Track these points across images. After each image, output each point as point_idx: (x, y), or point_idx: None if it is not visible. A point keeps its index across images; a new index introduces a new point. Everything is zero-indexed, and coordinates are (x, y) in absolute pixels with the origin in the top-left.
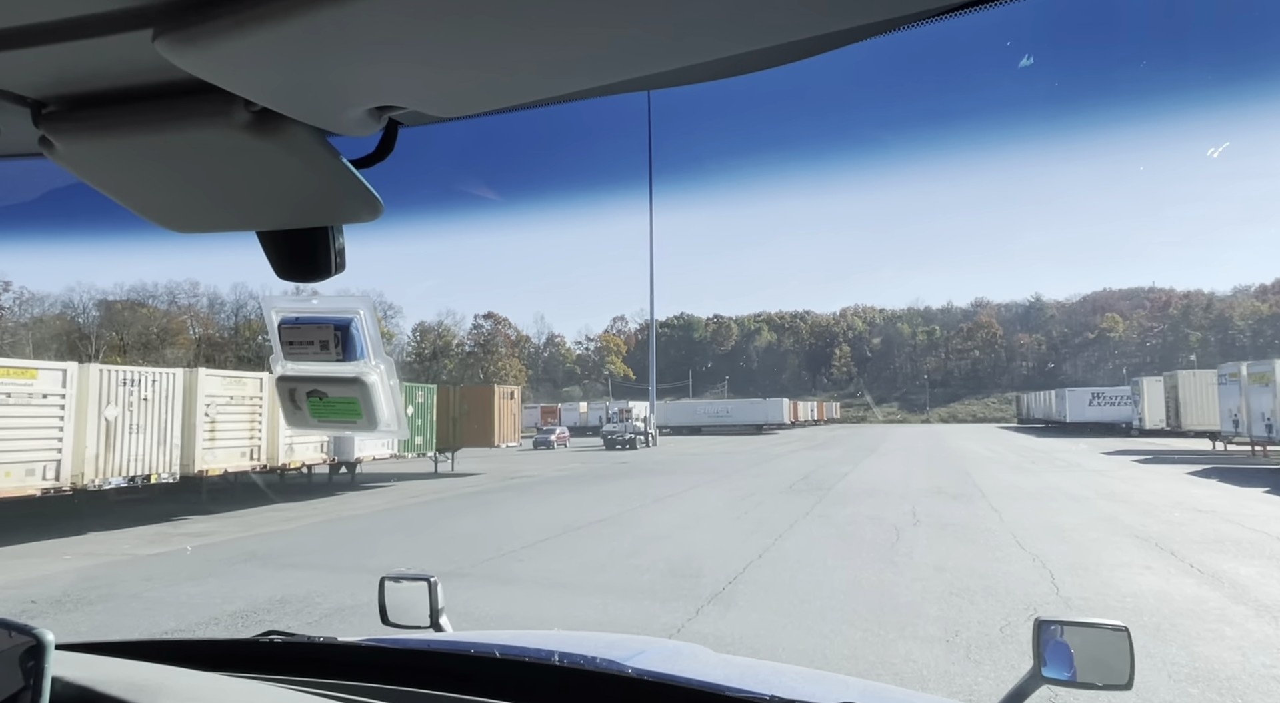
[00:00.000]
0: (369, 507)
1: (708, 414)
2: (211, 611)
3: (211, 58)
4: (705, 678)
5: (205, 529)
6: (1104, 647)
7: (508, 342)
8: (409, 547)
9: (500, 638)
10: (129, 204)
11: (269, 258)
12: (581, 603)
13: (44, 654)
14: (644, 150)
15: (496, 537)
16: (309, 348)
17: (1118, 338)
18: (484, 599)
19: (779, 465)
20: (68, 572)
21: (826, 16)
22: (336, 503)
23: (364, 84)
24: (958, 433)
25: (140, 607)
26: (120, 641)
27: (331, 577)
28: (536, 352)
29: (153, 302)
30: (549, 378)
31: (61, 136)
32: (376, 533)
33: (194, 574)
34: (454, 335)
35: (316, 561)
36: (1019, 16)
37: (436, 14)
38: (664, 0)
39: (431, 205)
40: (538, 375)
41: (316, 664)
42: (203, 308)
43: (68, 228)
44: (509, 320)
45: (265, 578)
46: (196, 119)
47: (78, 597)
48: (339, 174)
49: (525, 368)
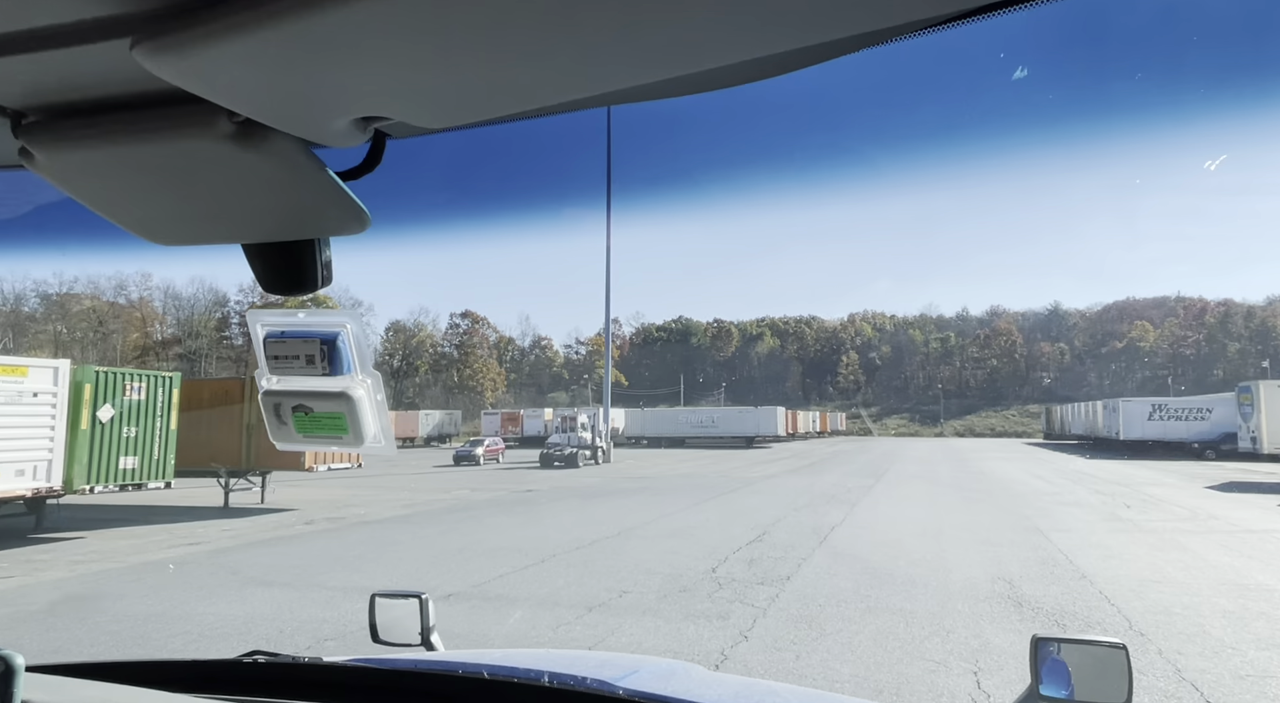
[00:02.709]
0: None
1: (691, 424)
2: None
3: (192, 67)
4: (698, 699)
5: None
6: (1102, 665)
7: (486, 342)
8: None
9: (490, 658)
10: (111, 216)
11: (254, 271)
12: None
13: (13, 678)
14: (635, 158)
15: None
16: (295, 362)
17: (1147, 347)
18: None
19: (737, 504)
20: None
21: (828, 25)
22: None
23: (349, 94)
24: (981, 450)
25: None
26: (95, 662)
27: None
28: (522, 355)
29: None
30: (533, 383)
31: (41, 147)
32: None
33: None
34: (429, 335)
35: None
36: (1029, 27)
37: (424, 23)
38: (655, 11)
39: (419, 213)
40: (521, 380)
41: (301, 686)
42: (156, 301)
43: (49, 239)
44: (488, 319)
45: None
46: (179, 130)
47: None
48: (325, 186)
49: (505, 371)
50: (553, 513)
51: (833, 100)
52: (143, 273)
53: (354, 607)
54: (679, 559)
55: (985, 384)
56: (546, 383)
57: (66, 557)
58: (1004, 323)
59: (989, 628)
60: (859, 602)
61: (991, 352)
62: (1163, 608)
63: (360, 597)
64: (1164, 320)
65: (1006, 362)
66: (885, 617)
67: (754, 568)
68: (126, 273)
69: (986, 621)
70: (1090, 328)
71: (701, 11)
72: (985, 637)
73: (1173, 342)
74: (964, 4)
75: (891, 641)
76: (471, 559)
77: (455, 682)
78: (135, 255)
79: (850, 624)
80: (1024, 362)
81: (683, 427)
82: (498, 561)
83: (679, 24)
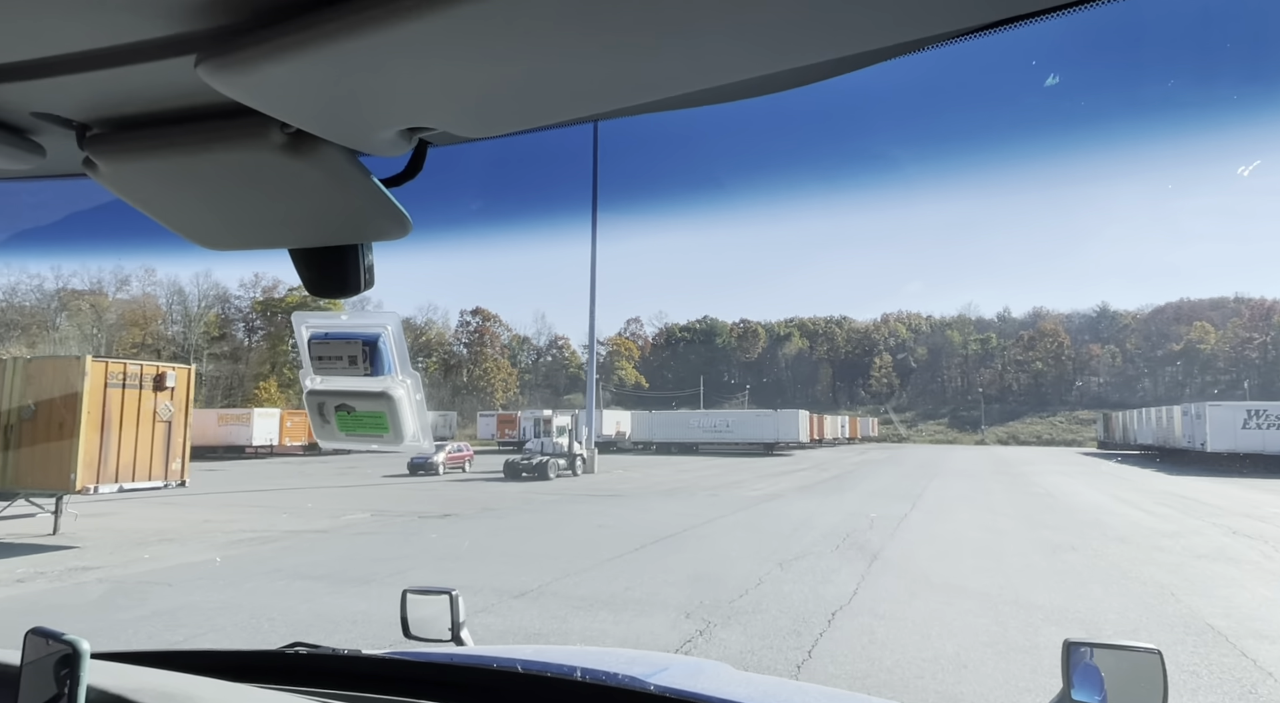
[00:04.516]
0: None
1: (703, 429)
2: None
3: (251, 82)
4: (729, 697)
5: None
6: (1136, 671)
7: (496, 341)
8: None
9: (523, 653)
10: (166, 222)
11: (300, 274)
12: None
13: (80, 663)
14: (663, 164)
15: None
16: (338, 363)
17: (1208, 350)
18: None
19: (698, 551)
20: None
21: (864, 37)
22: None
23: (397, 106)
24: (1033, 461)
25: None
26: (150, 651)
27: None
28: (538, 355)
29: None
30: (549, 384)
31: (104, 157)
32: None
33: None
34: (439, 332)
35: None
36: (1064, 34)
37: (468, 38)
38: (694, 23)
39: (452, 217)
40: (537, 381)
41: (340, 677)
42: (161, 297)
43: (104, 244)
44: (499, 317)
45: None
46: (233, 141)
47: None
48: (370, 193)
49: (517, 371)
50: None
51: (864, 106)
52: (146, 268)
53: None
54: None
55: (1029, 388)
56: (563, 384)
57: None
58: (1049, 324)
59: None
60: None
61: (1036, 354)
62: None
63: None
64: (1226, 321)
65: (1053, 365)
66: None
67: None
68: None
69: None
70: (1143, 329)
71: (740, 25)
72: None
73: (1236, 344)
74: (992, 14)
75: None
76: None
77: (490, 675)
78: (180, 258)
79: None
80: (1072, 365)
81: (694, 431)
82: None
83: (718, 36)
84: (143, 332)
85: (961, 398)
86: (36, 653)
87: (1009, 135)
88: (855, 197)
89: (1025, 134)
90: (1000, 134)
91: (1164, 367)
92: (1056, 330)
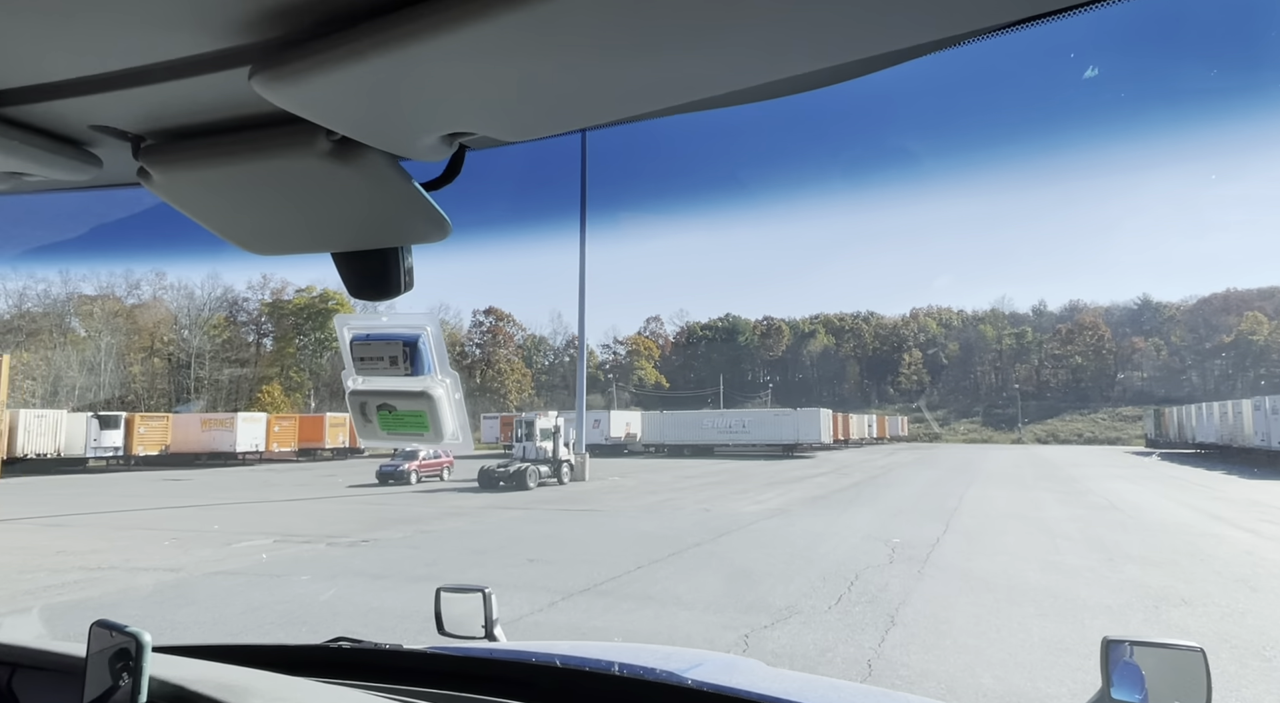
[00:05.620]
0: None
1: (718, 430)
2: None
3: (301, 92)
4: (764, 692)
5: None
6: (1178, 669)
7: (510, 341)
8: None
9: (559, 648)
10: (215, 228)
11: (342, 277)
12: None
13: (142, 654)
14: (685, 165)
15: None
16: (379, 363)
17: (1261, 341)
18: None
19: (587, 622)
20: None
21: (898, 35)
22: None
23: (439, 113)
24: (1080, 463)
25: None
26: (205, 644)
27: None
28: (555, 355)
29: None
30: (565, 385)
31: (158, 167)
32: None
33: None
34: (453, 332)
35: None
36: (1101, 26)
37: (511, 45)
38: (728, 24)
39: (488, 219)
40: (554, 382)
41: (383, 670)
42: (171, 301)
43: (156, 250)
44: (512, 316)
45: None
46: (281, 149)
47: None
48: (411, 197)
49: (532, 372)
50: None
51: (888, 103)
52: (157, 271)
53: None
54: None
55: (1068, 384)
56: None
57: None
58: (1088, 317)
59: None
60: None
61: (1075, 348)
62: None
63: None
64: (1278, 311)
65: (1093, 359)
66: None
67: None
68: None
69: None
70: (1188, 321)
71: (774, 26)
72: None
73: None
74: (1026, 10)
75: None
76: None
77: (529, 669)
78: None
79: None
80: (1113, 359)
81: (709, 432)
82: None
83: (753, 37)
84: (151, 336)
85: (996, 395)
86: (100, 644)
87: (1039, 129)
88: (880, 192)
89: (1057, 127)
90: (1030, 128)
91: (1211, 360)
92: (1096, 323)
